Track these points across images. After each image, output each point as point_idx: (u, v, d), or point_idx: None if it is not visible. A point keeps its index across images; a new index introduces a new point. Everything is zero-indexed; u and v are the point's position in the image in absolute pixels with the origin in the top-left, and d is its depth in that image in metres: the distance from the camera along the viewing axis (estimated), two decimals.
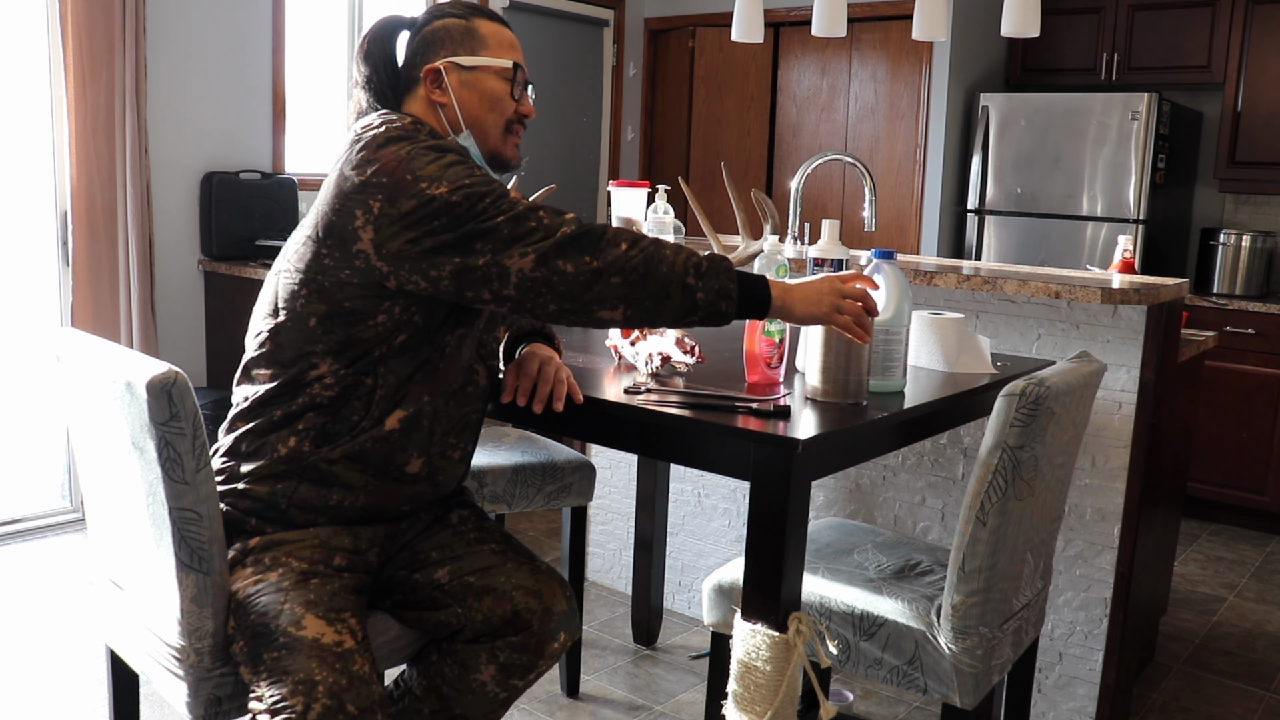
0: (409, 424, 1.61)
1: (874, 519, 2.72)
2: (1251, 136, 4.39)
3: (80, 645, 2.76)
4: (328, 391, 1.58)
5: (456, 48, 1.66)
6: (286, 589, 1.50)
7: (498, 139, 1.70)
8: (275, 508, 1.59)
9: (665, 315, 1.51)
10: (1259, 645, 3.11)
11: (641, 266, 1.48)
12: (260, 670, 1.45)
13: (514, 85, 1.69)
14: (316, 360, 1.57)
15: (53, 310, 3.58)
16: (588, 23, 5.34)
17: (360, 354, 1.57)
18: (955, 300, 2.55)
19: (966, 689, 1.66)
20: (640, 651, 2.90)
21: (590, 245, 1.48)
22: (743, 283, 1.54)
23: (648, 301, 1.49)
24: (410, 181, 1.48)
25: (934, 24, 3.07)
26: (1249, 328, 4.12)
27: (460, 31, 1.67)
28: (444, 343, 1.62)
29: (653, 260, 1.49)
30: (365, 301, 1.54)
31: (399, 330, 1.57)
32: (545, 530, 3.83)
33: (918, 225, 4.83)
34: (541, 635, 1.68)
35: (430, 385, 1.62)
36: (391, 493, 1.65)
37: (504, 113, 1.69)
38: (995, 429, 1.61)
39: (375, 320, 1.55)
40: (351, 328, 1.55)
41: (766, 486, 1.54)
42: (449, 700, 1.68)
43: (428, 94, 1.66)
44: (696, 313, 1.51)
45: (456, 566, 1.69)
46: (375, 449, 1.60)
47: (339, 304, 1.55)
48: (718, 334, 2.44)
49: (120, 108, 3.46)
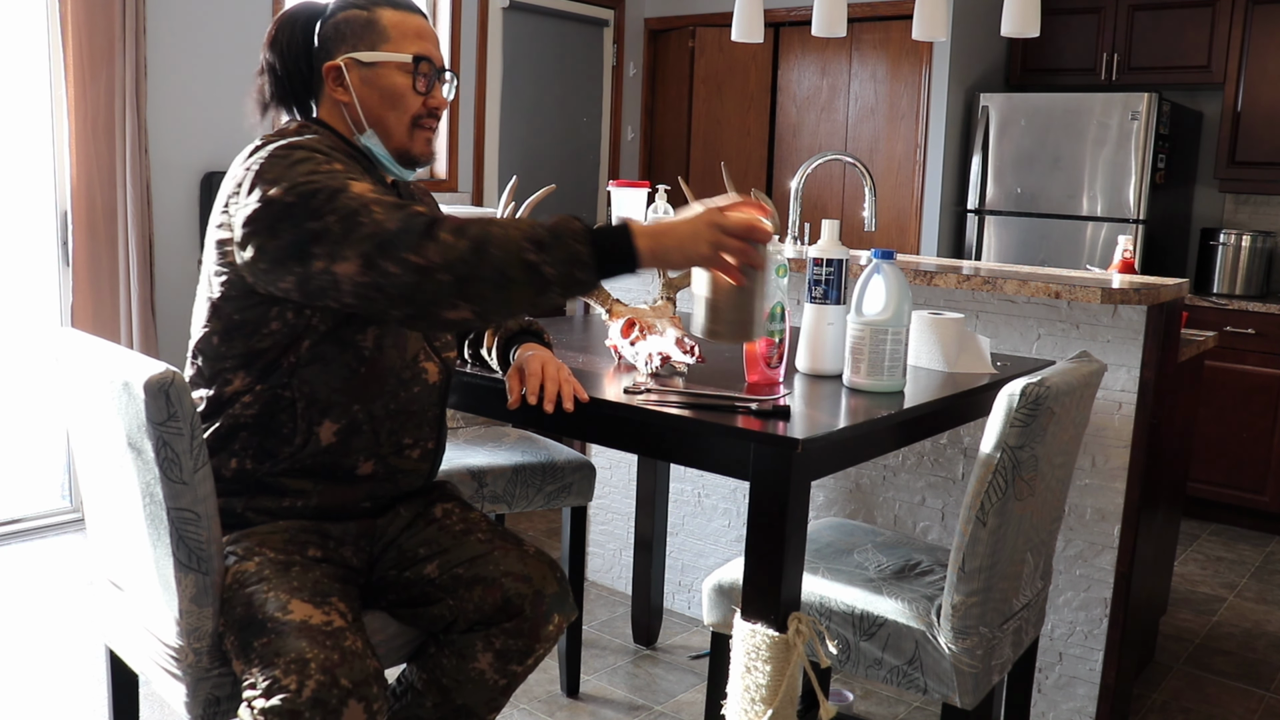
0: (346, 433, 1.60)
1: (874, 519, 2.71)
2: (1251, 136, 4.39)
3: (80, 645, 2.76)
4: (249, 410, 1.57)
5: (357, 42, 1.61)
6: (269, 577, 1.50)
7: (403, 136, 1.64)
8: (233, 513, 1.61)
9: (517, 301, 1.37)
10: (1259, 645, 3.11)
11: (469, 255, 1.34)
12: (251, 658, 1.44)
13: (416, 78, 1.62)
14: (230, 375, 1.57)
15: (53, 310, 3.58)
16: (588, 23, 5.34)
17: (269, 365, 1.56)
18: (955, 300, 2.55)
19: (966, 689, 1.66)
20: (640, 651, 2.89)
21: (410, 242, 1.34)
22: (599, 243, 1.36)
23: (489, 291, 1.35)
24: (254, 184, 1.45)
25: (934, 24, 3.07)
26: (1249, 328, 4.12)
27: (361, 24, 1.61)
28: (357, 344, 1.58)
29: (481, 245, 1.34)
30: (252, 311, 1.53)
31: (302, 335, 1.55)
32: (545, 530, 3.83)
33: (918, 225, 4.83)
34: (535, 619, 1.67)
35: (358, 393, 1.60)
36: (346, 493, 1.65)
37: (408, 109, 1.62)
38: (995, 429, 1.61)
39: (269, 328, 1.54)
40: (248, 339, 1.55)
41: (766, 486, 1.54)
42: (450, 692, 1.68)
43: (330, 92, 1.63)
44: (551, 289, 1.36)
45: (445, 560, 1.68)
46: (317, 461, 1.60)
47: (229, 317, 1.55)
48: None
49: (120, 108, 3.46)
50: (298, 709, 1.36)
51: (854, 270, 2.52)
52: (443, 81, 1.67)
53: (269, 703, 1.38)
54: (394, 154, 1.65)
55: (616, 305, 1.98)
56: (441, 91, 1.67)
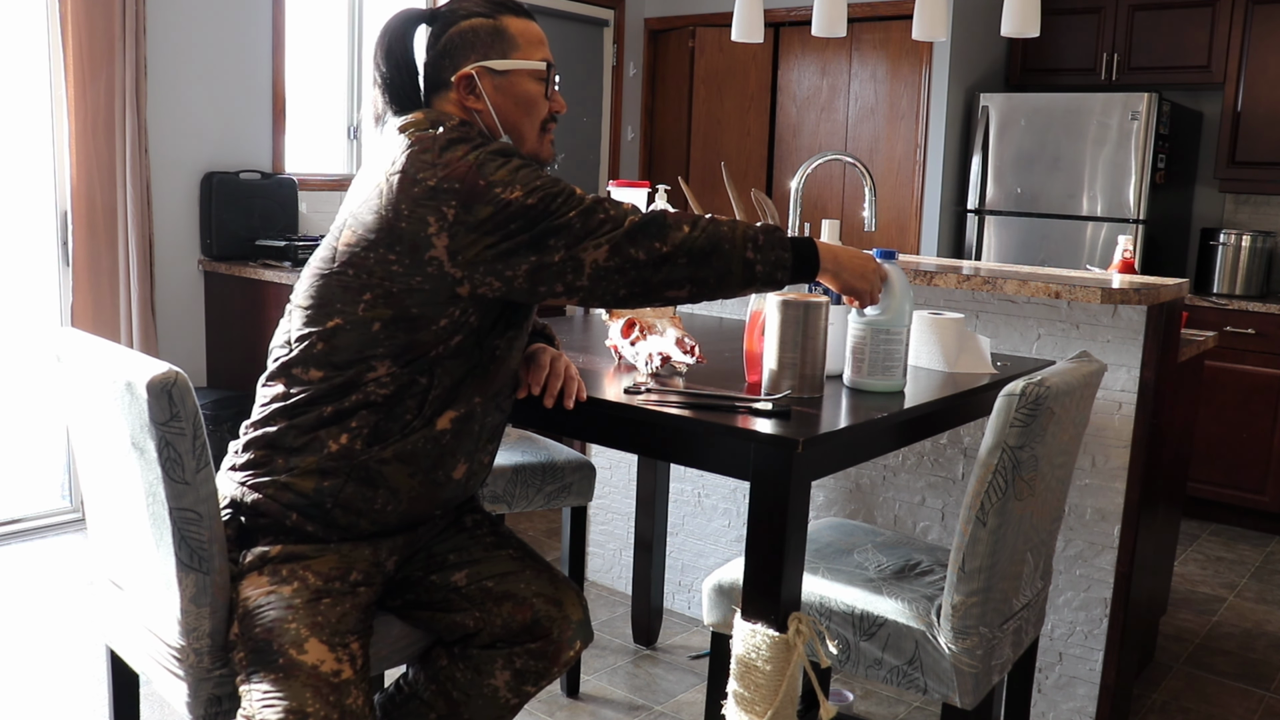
0: (460, 425, 1.60)
1: (874, 519, 2.71)
2: (1251, 136, 4.39)
3: (80, 645, 2.76)
4: (383, 390, 1.55)
5: (488, 50, 1.62)
6: (297, 606, 1.49)
7: (535, 140, 1.69)
8: (320, 505, 1.55)
9: (727, 288, 1.58)
10: (1259, 645, 3.11)
11: (706, 246, 1.54)
12: (253, 685, 1.44)
13: (548, 85, 1.67)
14: (375, 363, 1.54)
15: (53, 310, 3.58)
16: (588, 23, 5.34)
17: (418, 355, 1.55)
18: (955, 300, 2.55)
19: (966, 689, 1.66)
20: (640, 651, 2.89)
21: (658, 231, 1.52)
22: (796, 251, 1.61)
23: (712, 279, 1.55)
24: (484, 187, 1.48)
25: (934, 24, 3.07)
26: (1249, 328, 4.12)
27: (489, 32, 1.63)
28: (494, 345, 1.62)
29: (715, 239, 1.54)
30: (433, 307, 1.53)
31: (456, 331, 1.56)
32: (545, 530, 3.83)
33: (918, 225, 4.83)
34: (559, 643, 1.68)
35: (481, 387, 1.62)
36: (432, 498, 1.63)
37: (539, 114, 1.68)
38: (995, 429, 1.61)
39: (438, 324, 1.54)
40: (415, 332, 1.54)
41: (766, 486, 1.54)
42: (458, 705, 1.67)
43: (460, 99, 1.63)
44: (755, 283, 1.58)
45: (474, 570, 1.68)
46: (426, 449, 1.58)
47: (406, 309, 1.52)
48: (718, 334, 2.44)
49: (120, 108, 3.46)
50: None
51: None
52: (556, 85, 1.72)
53: None
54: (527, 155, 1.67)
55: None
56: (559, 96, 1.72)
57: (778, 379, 1.71)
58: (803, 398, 1.69)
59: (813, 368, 1.71)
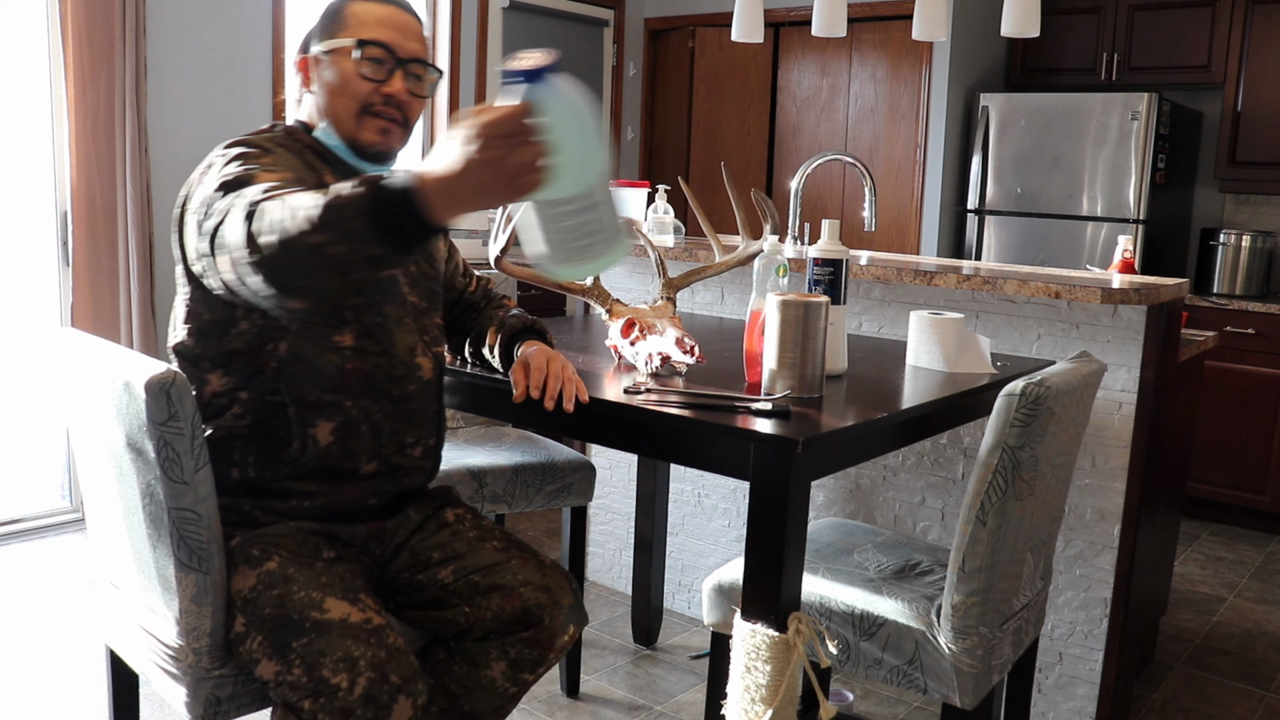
0: (343, 432, 1.60)
1: (874, 519, 2.71)
2: (1251, 136, 4.39)
3: (80, 645, 2.76)
4: (243, 421, 1.57)
5: (321, 34, 1.61)
6: (295, 576, 1.50)
7: (352, 125, 1.58)
8: (239, 511, 1.60)
9: (328, 289, 1.22)
10: (1259, 645, 3.11)
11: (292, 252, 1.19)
12: (291, 658, 1.43)
13: (361, 63, 1.56)
14: (207, 375, 1.57)
15: (53, 310, 3.58)
16: (588, 23, 5.34)
17: (249, 368, 1.55)
18: (955, 300, 2.55)
19: (966, 689, 1.66)
20: (640, 651, 2.89)
21: (248, 238, 1.24)
22: (385, 215, 1.13)
23: (299, 281, 1.21)
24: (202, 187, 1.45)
25: (934, 24, 3.07)
26: (1249, 328, 4.12)
27: (328, 16, 1.61)
28: (335, 344, 1.58)
29: (289, 234, 1.19)
30: (216, 310, 1.54)
31: (274, 337, 1.55)
32: (545, 530, 3.83)
33: (918, 225, 4.83)
34: (552, 629, 1.68)
35: (349, 391, 1.59)
36: (352, 491, 1.64)
37: (355, 95, 1.57)
38: (995, 429, 1.61)
39: (238, 328, 1.54)
40: (220, 339, 1.55)
41: (766, 486, 1.54)
42: (458, 698, 1.67)
43: (303, 87, 1.63)
44: (350, 270, 1.18)
45: (460, 565, 1.68)
46: (319, 464, 1.60)
47: (200, 317, 1.56)
48: (718, 334, 2.44)
49: (120, 108, 3.46)
50: (350, 706, 1.37)
51: (853, 271, 2.52)
52: (409, 72, 1.59)
53: (318, 701, 1.39)
54: (346, 144, 1.61)
55: (616, 305, 1.98)
56: (404, 82, 1.59)
57: (777, 379, 1.70)
58: (802, 398, 1.69)
59: (813, 368, 1.70)
